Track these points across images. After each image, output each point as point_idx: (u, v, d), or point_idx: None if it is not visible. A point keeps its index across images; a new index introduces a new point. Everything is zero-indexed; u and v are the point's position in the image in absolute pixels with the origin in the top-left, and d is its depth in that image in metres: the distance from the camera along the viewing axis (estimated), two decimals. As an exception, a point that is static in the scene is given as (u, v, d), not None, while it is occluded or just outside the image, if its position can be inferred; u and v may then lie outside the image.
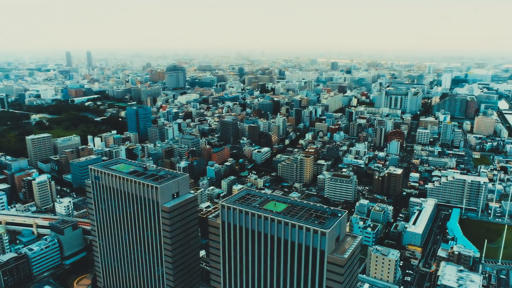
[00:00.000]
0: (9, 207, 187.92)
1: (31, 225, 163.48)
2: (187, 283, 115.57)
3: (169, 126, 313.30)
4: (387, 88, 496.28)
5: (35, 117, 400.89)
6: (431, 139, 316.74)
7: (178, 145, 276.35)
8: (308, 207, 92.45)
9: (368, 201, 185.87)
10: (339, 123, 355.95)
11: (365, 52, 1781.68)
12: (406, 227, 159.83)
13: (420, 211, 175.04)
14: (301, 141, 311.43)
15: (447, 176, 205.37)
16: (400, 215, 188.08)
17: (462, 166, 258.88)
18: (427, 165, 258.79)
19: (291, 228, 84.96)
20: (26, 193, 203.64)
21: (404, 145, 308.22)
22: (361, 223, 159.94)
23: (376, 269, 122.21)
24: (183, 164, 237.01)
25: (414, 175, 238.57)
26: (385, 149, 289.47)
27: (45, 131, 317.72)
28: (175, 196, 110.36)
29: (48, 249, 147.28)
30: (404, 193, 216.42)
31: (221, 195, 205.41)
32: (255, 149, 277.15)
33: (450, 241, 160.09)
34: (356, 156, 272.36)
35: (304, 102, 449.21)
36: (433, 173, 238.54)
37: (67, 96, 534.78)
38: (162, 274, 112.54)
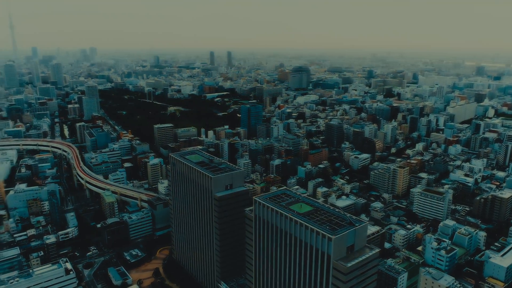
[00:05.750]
0: (128, 182, 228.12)
1: (137, 199, 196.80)
2: (233, 269, 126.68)
3: (275, 125, 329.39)
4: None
5: (171, 109, 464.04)
6: None
7: (279, 143, 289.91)
8: (331, 213, 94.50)
9: (454, 222, 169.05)
10: (459, 135, 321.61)
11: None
12: (490, 257, 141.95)
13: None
14: (408, 151, 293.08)
15: None
16: (496, 244, 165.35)
17: None
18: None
19: (305, 229, 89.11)
20: (143, 172, 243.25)
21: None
22: (434, 243, 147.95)
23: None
24: (276, 162, 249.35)
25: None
26: (507, 168, 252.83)
27: (175, 121, 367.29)
28: (228, 188, 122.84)
29: (143, 220, 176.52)
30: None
31: (304, 195, 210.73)
32: (353, 155, 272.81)
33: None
34: (468, 173, 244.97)
35: (427, 110, 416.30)
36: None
37: (202, 92, 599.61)
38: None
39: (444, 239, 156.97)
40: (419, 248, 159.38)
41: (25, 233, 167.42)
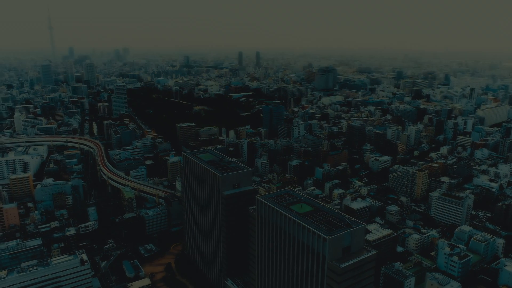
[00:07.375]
0: (148, 178, 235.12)
1: (154, 195, 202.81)
2: (239, 266, 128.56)
3: (296, 126, 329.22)
4: None
5: (196, 108, 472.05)
6: None
7: (299, 144, 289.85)
8: (330, 214, 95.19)
9: (471, 228, 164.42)
10: (487, 138, 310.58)
11: None
12: (506, 265, 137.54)
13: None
14: (432, 154, 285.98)
15: None
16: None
17: None
18: None
19: (302, 229, 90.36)
20: (163, 169, 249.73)
21: None
22: (447, 248, 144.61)
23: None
24: (294, 162, 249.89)
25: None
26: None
27: (199, 121, 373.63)
28: (236, 187, 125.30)
29: (158, 216, 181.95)
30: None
31: (320, 196, 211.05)
32: (373, 157, 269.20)
33: None
34: (493, 178, 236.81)
35: (456, 112, 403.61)
36: None
37: (228, 92, 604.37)
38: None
39: (458, 245, 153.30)
40: (433, 253, 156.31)
41: (48, 224, 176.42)
